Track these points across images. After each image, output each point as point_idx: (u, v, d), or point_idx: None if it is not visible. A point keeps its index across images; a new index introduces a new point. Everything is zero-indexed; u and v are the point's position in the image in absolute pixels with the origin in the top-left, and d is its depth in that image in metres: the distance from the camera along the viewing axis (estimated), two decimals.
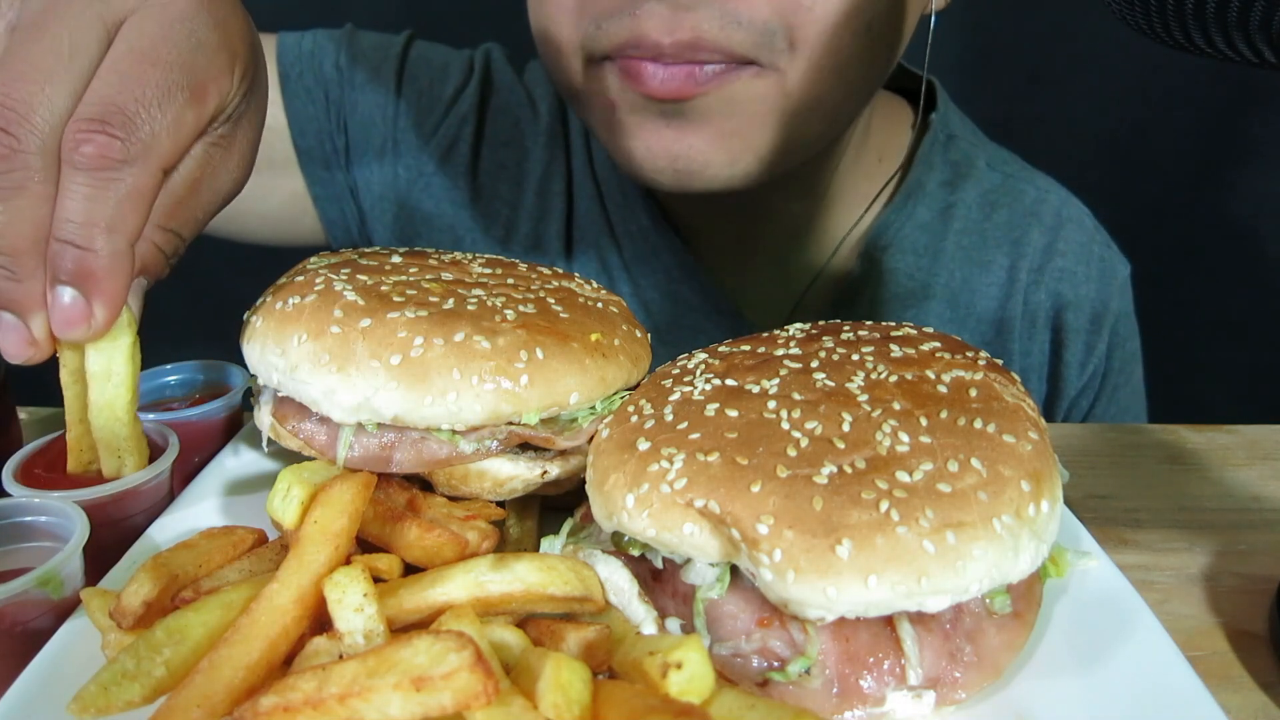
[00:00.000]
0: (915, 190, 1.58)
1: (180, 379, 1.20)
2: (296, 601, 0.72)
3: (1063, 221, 1.62)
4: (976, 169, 1.63)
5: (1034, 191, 1.64)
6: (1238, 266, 2.68)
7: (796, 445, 0.78)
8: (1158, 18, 0.75)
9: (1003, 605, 0.78)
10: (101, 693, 0.66)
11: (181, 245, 0.86)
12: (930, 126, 1.61)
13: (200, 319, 2.78)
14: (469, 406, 0.87)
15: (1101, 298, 1.61)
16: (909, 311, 1.56)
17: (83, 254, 0.75)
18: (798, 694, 0.74)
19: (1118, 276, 1.64)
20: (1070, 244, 1.61)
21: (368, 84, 1.67)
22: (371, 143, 1.68)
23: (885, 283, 1.58)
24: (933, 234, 1.59)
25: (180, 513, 0.98)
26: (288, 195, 1.69)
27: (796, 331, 1.00)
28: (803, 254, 1.61)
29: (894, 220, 1.57)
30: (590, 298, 1.04)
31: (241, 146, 0.88)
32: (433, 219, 1.70)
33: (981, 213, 1.61)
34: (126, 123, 0.74)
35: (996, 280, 1.59)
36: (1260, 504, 1.15)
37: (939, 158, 1.62)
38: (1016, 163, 1.70)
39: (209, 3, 0.81)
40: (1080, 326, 1.61)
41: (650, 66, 1.17)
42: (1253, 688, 0.85)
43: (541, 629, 0.77)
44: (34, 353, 0.80)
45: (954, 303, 1.59)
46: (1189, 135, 2.59)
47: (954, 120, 1.66)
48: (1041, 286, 1.60)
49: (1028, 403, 0.87)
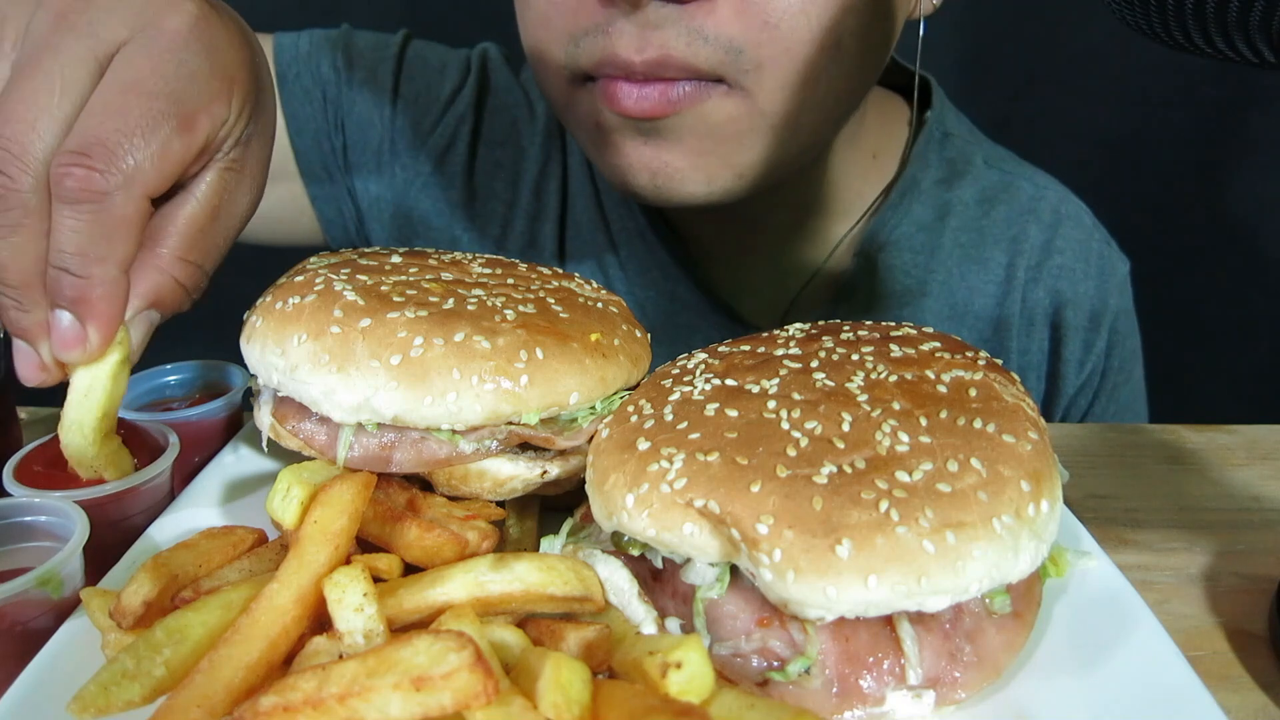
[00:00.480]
0: (911, 188, 1.58)
1: (180, 379, 1.20)
2: (296, 601, 0.72)
3: (1061, 219, 1.62)
4: (973, 167, 1.63)
5: (1031, 189, 1.64)
6: (1237, 266, 2.68)
7: (796, 445, 0.78)
8: (1158, 18, 0.75)
9: (1003, 605, 0.78)
10: (101, 693, 0.66)
11: (203, 278, 0.89)
12: (925, 124, 1.61)
13: (200, 319, 2.78)
14: (469, 406, 0.87)
15: (1100, 295, 1.61)
16: (906, 310, 1.56)
17: (76, 281, 0.79)
18: (798, 694, 0.74)
19: (1116, 274, 1.64)
20: (1069, 241, 1.61)
21: (365, 84, 1.67)
22: (369, 143, 1.68)
23: (882, 281, 1.58)
24: (929, 232, 1.59)
25: (180, 513, 0.98)
26: (285, 196, 1.69)
27: (796, 331, 1.00)
28: (798, 253, 1.61)
29: (890, 219, 1.57)
30: (590, 298, 1.04)
31: (254, 168, 0.90)
32: (430, 218, 1.70)
33: (979, 210, 1.61)
34: (107, 154, 0.76)
35: (994, 278, 1.59)
36: (1260, 504, 1.15)
37: (935, 156, 1.61)
38: (1013, 160, 1.70)
39: (202, 32, 0.83)
40: (1079, 324, 1.61)
41: (625, 87, 1.19)
42: (1253, 688, 0.85)
43: (541, 629, 0.77)
44: (45, 377, 0.84)
45: (951, 301, 1.59)
46: (1189, 135, 2.59)
47: (949, 118, 1.66)
48: (1040, 284, 1.60)
49: (1027, 402, 0.87)
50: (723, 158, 1.26)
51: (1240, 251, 2.68)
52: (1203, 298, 2.71)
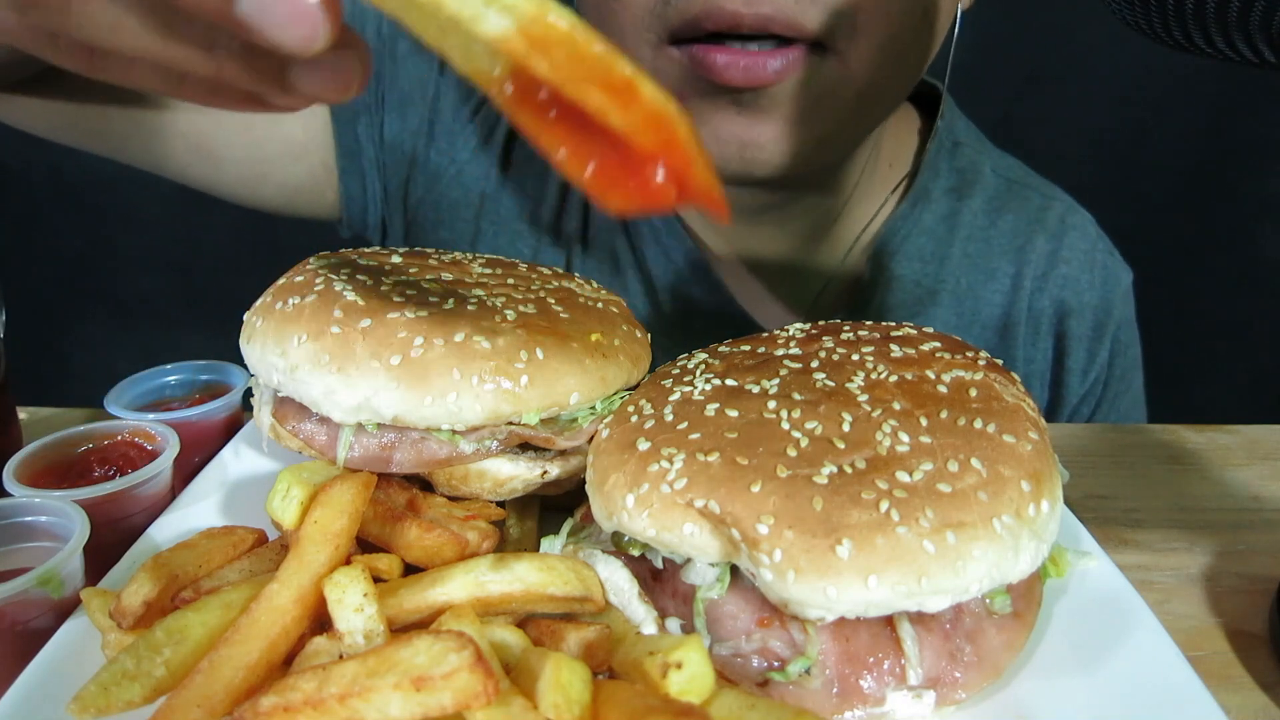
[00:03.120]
0: (921, 197, 1.59)
1: (180, 379, 1.20)
2: (296, 601, 0.72)
3: (1067, 229, 1.63)
4: (982, 176, 1.64)
5: (1039, 199, 1.65)
6: (1238, 267, 2.68)
7: (796, 445, 0.78)
8: (1158, 18, 0.75)
9: (1003, 605, 0.78)
10: (101, 693, 0.66)
11: None
12: (936, 133, 1.62)
13: (200, 319, 2.79)
14: (469, 406, 0.87)
15: (1104, 305, 1.62)
16: (916, 318, 1.56)
17: None
18: (798, 694, 0.74)
19: (1120, 284, 1.64)
20: (1074, 251, 1.62)
21: (409, 57, 1.62)
22: (408, 122, 1.64)
23: (892, 289, 1.58)
24: (939, 240, 1.59)
25: (180, 513, 0.98)
26: (317, 164, 1.64)
27: (796, 331, 1.00)
28: (815, 258, 1.61)
29: (901, 228, 1.58)
30: (590, 298, 1.04)
31: None
32: (459, 206, 1.66)
33: (987, 219, 1.62)
34: None
35: (1001, 287, 1.60)
36: (1260, 504, 1.15)
37: (945, 164, 1.62)
38: (1021, 169, 1.71)
39: None
40: (1083, 334, 1.62)
41: (726, 56, 1.16)
42: (1253, 688, 0.85)
43: (541, 629, 0.77)
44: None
45: (959, 309, 1.59)
46: (1189, 135, 2.59)
47: (959, 127, 1.67)
48: (1045, 293, 1.61)
49: (1027, 403, 0.87)
50: (812, 126, 1.25)
51: (1240, 251, 2.68)
52: (1203, 298, 2.71)
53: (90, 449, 1.02)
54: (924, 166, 1.59)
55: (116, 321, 2.87)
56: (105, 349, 2.82)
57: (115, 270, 2.81)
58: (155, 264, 2.79)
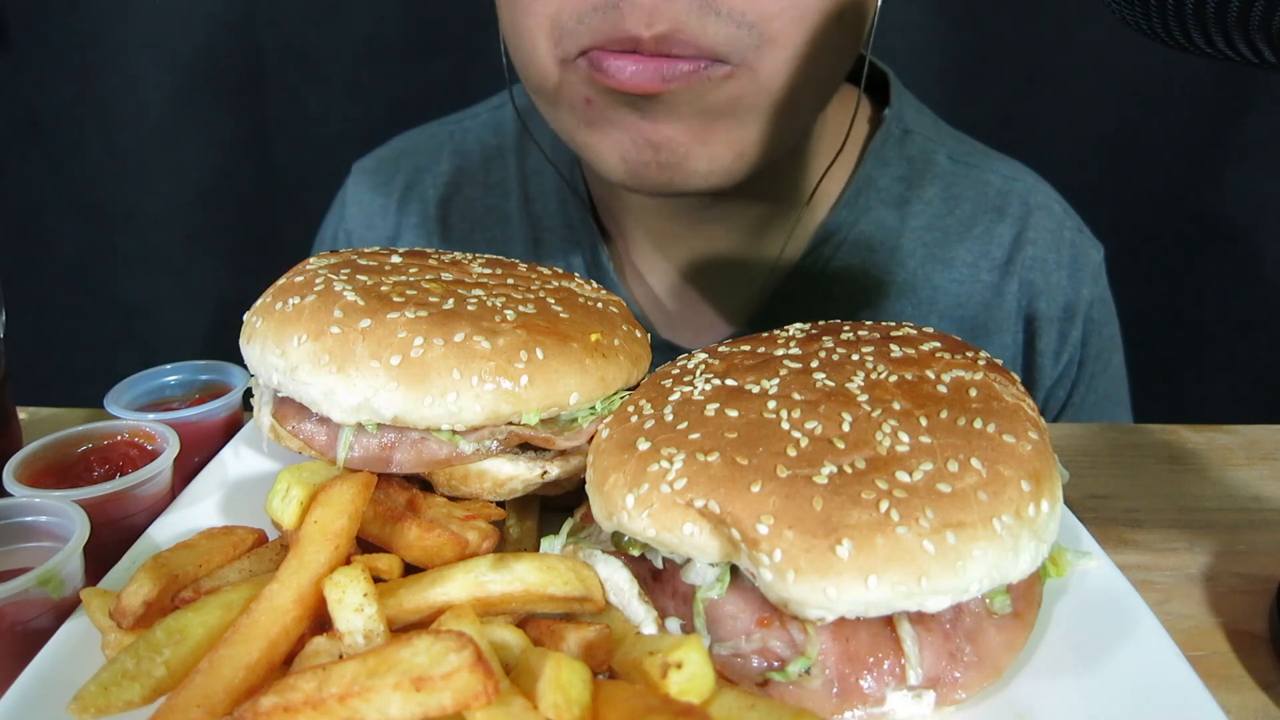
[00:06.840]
0: (866, 186, 1.56)
1: (180, 379, 1.20)
2: (296, 601, 0.72)
3: (1031, 209, 1.59)
4: (936, 164, 1.60)
5: (999, 181, 1.61)
6: (1237, 266, 2.68)
7: (796, 445, 0.78)
8: (1158, 18, 0.75)
9: (1003, 605, 0.78)
10: (101, 693, 0.66)
11: None
12: (884, 121, 1.59)
13: (200, 319, 2.78)
14: (469, 407, 0.87)
15: (1073, 284, 1.58)
16: (866, 309, 1.54)
17: None
18: (798, 694, 0.74)
19: (1090, 261, 1.61)
20: (1040, 231, 1.58)
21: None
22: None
23: (840, 282, 1.55)
24: (888, 230, 1.57)
25: (180, 513, 0.98)
26: None
27: (796, 331, 1.00)
28: (758, 255, 1.59)
29: (846, 218, 1.55)
30: (590, 298, 1.04)
31: None
32: None
33: (944, 207, 1.58)
34: None
35: (959, 277, 1.57)
36: (1260, 504, 1.15)
37: (894, 153, 1.59)
38: (979, 152, 1.67)
39: None
40: (1053, 315, 1.58)
41: (617, 61, 1.17)
42: (1253, 688, 0.85)
43: (541, 629, 0.77)
44: None
45: (915, 299, 1.57)
46: (1188, 135, 2.59)
47: (909, 114, 1.63)
48: (1013, 277, 1.57)
49: (1027, 403, 0.87)
50: (723, 136, 1.24)
51: (1240, 251, 2.68)
52: (1203, 297, 2.71)
53: (90, 449, 1.02)
54: (868, 155, 1.56)
55: (116, 321, 2.87)
56: (105, 349, 2.82)
57: (115, 270, 2.81)
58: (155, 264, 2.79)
